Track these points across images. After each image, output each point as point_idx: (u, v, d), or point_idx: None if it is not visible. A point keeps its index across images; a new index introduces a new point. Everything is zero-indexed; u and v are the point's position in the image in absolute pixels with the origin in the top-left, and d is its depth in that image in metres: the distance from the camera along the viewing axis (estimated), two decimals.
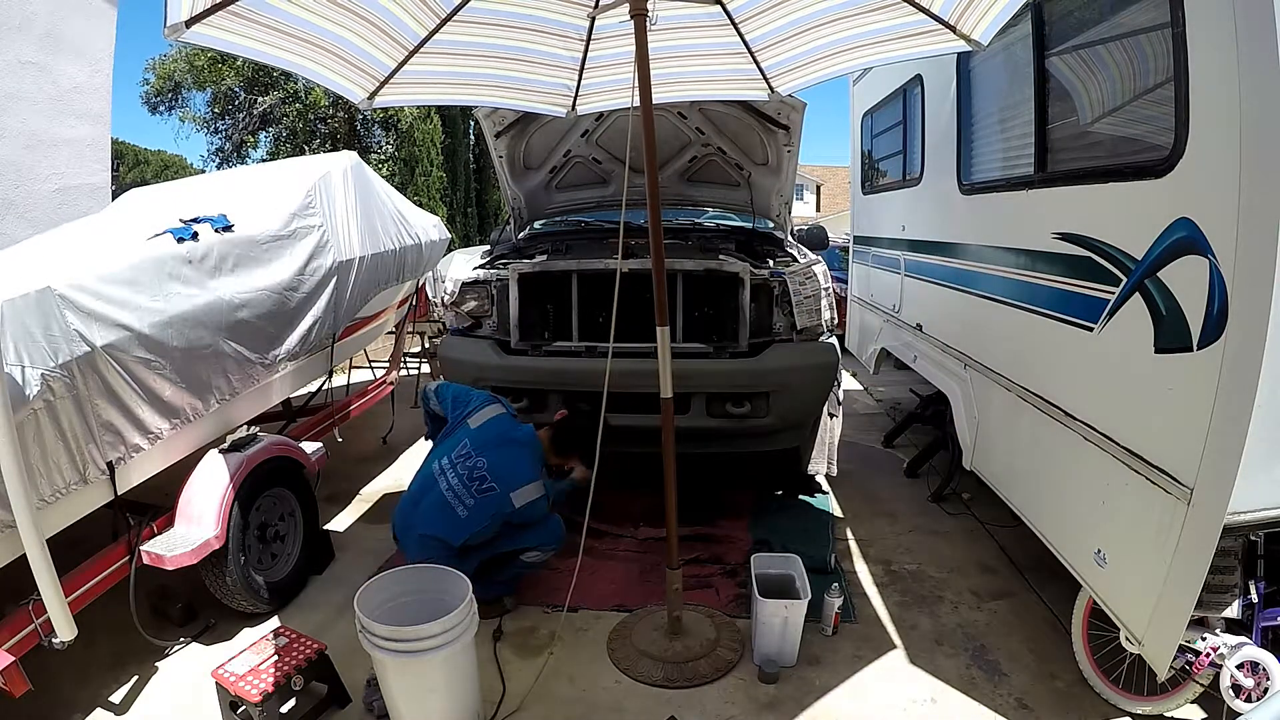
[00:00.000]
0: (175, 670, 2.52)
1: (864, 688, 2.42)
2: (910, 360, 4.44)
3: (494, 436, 2.83)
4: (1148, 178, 2.03)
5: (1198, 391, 1.80)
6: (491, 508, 2.68)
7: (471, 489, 2.70)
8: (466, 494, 2.70)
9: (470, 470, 2.73)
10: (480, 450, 2.77)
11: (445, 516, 2.68)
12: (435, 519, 2.69)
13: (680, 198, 4.73)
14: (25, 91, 4.81)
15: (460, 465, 2.75)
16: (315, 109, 12.78)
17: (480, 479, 2.72)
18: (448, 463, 2.78)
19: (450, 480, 2.74)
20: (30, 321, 2.04)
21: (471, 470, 2.73)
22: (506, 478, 2.70)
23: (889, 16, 2.39)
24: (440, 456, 2.83)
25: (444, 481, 2.74)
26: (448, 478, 2.74)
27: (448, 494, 2.71)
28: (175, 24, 1.73)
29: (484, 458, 2.75)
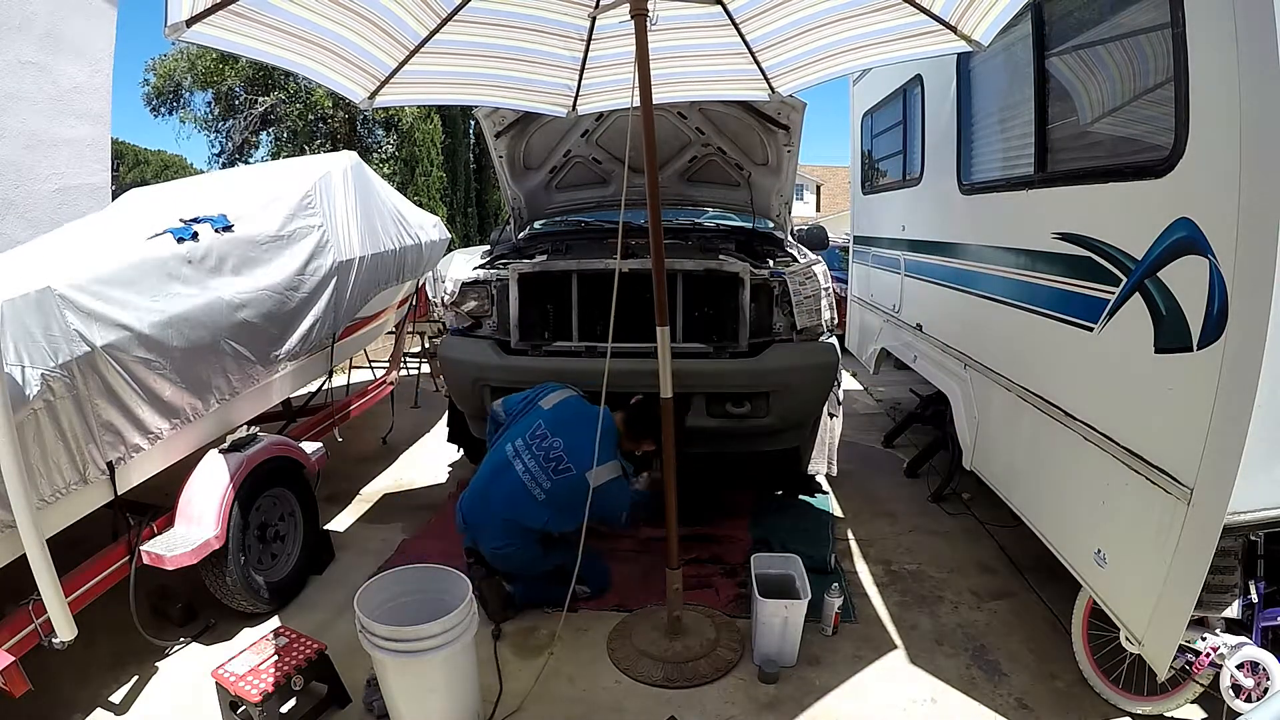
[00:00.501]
0: (175, 670, 2.52)
1: (864, 688, 2.42)
2: (910, 360, 4.44)
3: (569, 417, 2.80)
4: (1148, 178, 2.03)
5: (1198, 391, 1.80)
6: (567, 489, 2.64)
7: (548, 470, 2.68)
8: (543, 476, 2.68)
9: (546, 452, 2.70)
10: (555, 430, 2.74)
11: (523, 500, 2.66)
12: (513, 503, 2.67)
13: (680, 198, 4.73)
14: (25, 91, 4.81)
15: (535, 447, 2.73)
16: (316, 109, 12.78)
17: (556, 460, 2.69)
18: (522, 444, 2.75)
19: (526, 462, 2.71)
20: (30, 321, 2.04)
21: (547, 451, 2.70)
22: (582, 458, 2.67)
23: (890, 17, 2.39)
24: (513, 439, 2.79)
25: (519, 464, 2.71)
26: (523, 459, 2.72)
27: (524, 476, 2.69)
28: (176, 23, 1.73)
29: (559, 438, 2.72)
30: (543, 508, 2.67)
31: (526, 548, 2.75)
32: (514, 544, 2.73)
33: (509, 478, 2.72)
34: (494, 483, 2.76)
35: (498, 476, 2.76)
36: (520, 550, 2.75)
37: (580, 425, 2.75)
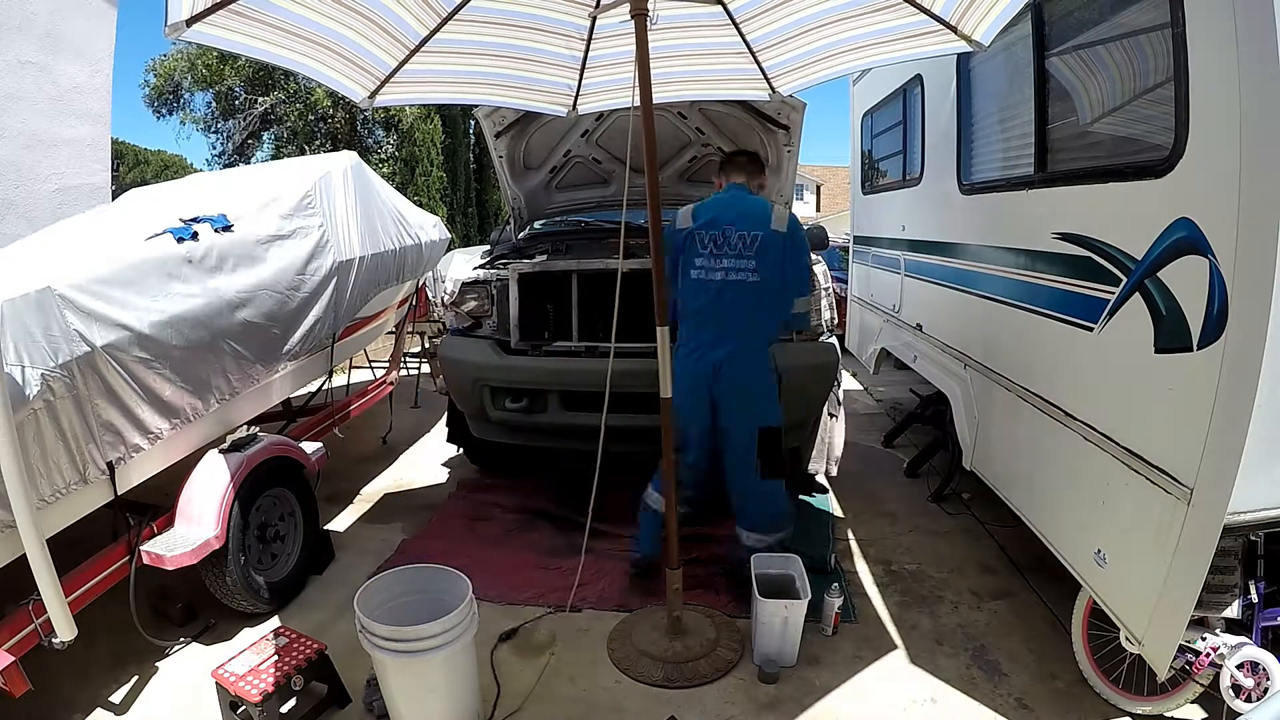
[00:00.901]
0: (175, 670, 2.52)
1: (864, 688, 2.42)
2: (910, 360, 4.44)
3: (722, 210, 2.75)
4: (1148, 178, 2.03)
5: (1198, 391, 1.80)
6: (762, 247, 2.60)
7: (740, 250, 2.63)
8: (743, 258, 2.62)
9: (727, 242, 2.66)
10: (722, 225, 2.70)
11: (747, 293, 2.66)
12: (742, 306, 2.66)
13: (680, 198, 4.70)
14: (25, 91, 4.81)
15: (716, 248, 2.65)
16: (316, 109, 12.77)
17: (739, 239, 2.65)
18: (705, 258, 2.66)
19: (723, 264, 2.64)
20: (30, 321, 2.04)
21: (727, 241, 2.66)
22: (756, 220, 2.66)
23: (890, 17, 2.39)
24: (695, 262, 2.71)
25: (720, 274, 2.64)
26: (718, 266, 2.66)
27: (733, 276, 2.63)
28: (176, 23, 1.73)
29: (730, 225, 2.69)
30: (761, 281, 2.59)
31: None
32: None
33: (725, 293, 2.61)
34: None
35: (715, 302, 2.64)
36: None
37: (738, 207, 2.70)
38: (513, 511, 3.76)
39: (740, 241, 2.58)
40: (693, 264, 2.65)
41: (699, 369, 2.69)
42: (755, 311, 2.64)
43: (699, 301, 2.66)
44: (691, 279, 2.65)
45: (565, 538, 3.35)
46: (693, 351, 2.71)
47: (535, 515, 3.71)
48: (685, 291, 2.70)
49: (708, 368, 2.68)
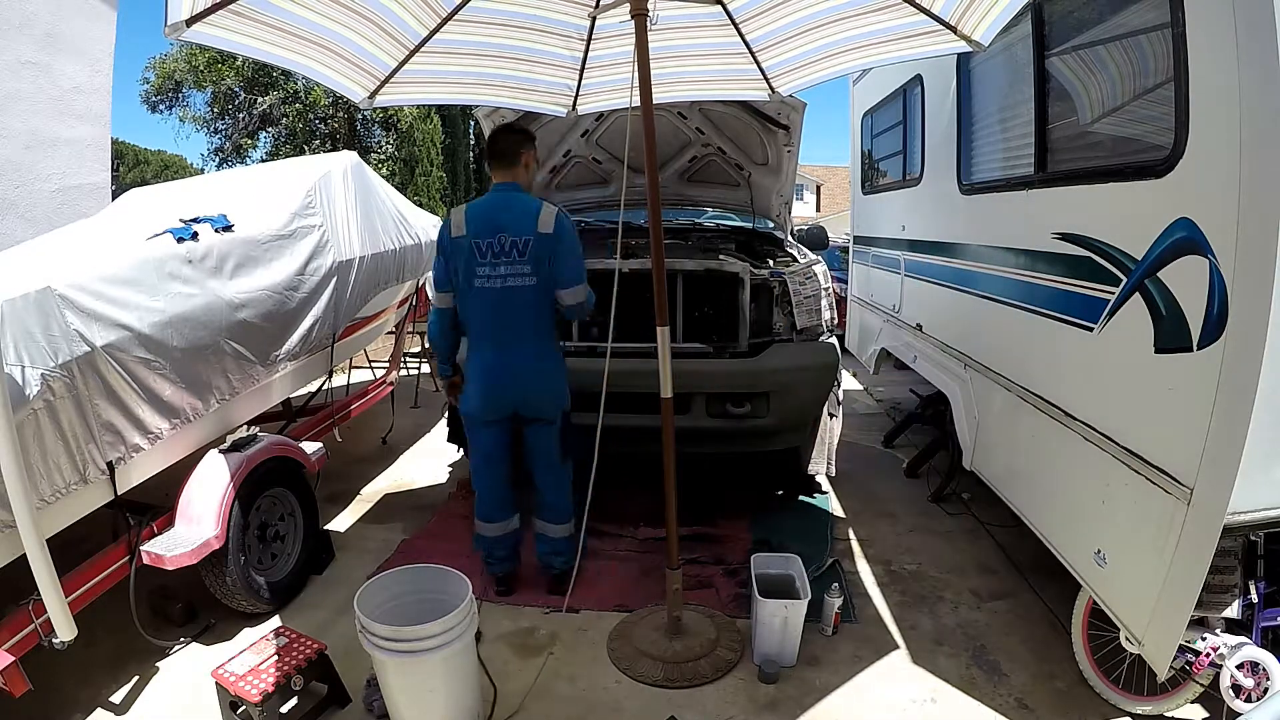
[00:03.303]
0: (175, 670, 2.52)
1: (864, 688, 2.42)
2: (910, 360, 4.44)
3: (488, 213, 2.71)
4: (1148, 178, 2.03)
5: (1198, 391, 1.80)
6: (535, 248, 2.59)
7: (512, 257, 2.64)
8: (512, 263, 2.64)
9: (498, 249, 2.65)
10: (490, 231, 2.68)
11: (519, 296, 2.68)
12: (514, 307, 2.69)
13: (680, 198, 4.73)
14: (25, 91, 4.81)
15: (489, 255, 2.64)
16: (315, 109, 12.78)
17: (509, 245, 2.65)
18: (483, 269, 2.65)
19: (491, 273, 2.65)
20: (30, 321, 2.04)
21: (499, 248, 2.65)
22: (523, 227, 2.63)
23: (890, 17, 2.40)
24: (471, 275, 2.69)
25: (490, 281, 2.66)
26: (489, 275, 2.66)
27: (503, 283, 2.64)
28: (176, 23, 1.73)
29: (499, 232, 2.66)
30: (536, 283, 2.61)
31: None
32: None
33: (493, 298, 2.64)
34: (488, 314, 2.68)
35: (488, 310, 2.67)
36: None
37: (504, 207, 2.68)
38: None
39: (514, 247, 2.59)
40: (475, 273, 2.63)
41: (495, 377, 2.70)
42: (536, 311, 2.67)
43: (484, 310, 2.66)
44: (475, 288, 2.64)
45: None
46: (485, 358, 2.71)
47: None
48: (469, 301, 2.68)
49: (504, 374, 2.70)
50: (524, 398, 2.72)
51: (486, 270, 2.61)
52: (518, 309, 2.64)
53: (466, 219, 2.65)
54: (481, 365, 2.72)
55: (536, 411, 2.75)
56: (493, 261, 2.60)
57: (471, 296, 2.66)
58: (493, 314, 2.66)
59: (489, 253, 2.60)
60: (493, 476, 2.86)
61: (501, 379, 2.70)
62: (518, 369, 2.69)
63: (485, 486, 2.89)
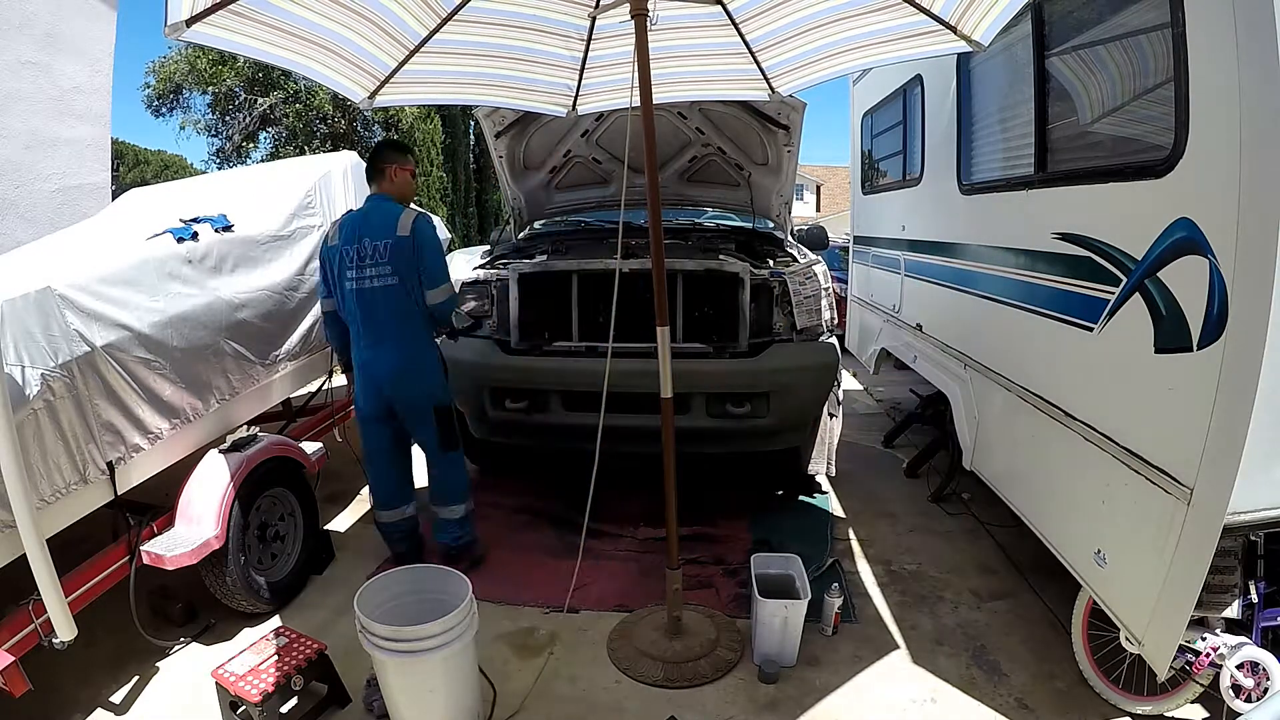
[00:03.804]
0: (175, 670, 2.52)
1: (864, 688, 2.42)
2: (910, 360, 4.44)
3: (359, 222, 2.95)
4: (1148, 178, 2.03)
5: (1198, 391, 1.80)
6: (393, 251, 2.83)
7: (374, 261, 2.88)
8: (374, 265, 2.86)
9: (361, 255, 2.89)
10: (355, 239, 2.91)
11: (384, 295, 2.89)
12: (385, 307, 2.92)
13: (680, 198, 4.73)
14: (25, 91, 4.81)
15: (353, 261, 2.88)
16: (316, 109, 12.77)
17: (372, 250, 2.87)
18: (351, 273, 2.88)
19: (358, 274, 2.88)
20: (30, 321, 2.04)
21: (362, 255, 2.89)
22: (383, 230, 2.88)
23: (890, 17, 2.39)
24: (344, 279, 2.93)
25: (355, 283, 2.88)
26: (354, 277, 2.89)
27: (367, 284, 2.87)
28: (176, 23, 1.73)
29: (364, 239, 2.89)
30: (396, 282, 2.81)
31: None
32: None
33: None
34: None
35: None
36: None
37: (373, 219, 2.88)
38: (513, 511, 3.76)
39: (375, 251, 2.80)
40: (345, 277, 2.85)
41: (370, 372, 2.92)
42: (402, 309, 2.85)
43: (356, 310, 2.87)
44: (347, 290, 2.87)
45: (565, 538, 3.35)
46: (362, 355, 2.92)
47: (535, 515, 3.71)
48: (345, 303, 2.91)
49: (377, 369, 2.90)
50: (394, 393, 2.92)
51: (354, 273, 2.83)
52: (383, 308, 2.83)
53: (339, 229, 2.91)
54: (359, 362, 2.96)
55: (408, 407, 2.95)
56: (358, 264, 2.82)
57: (345, 299, 2.90)
58: (363, 314, 2.86)
59: (355, 257, 2.82)
60: (379, 467, 3.08)
61: (374, 375, 2.91)
62: (387, 365, 2.88)
63: (375, 477, 3.11)
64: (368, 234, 2.82)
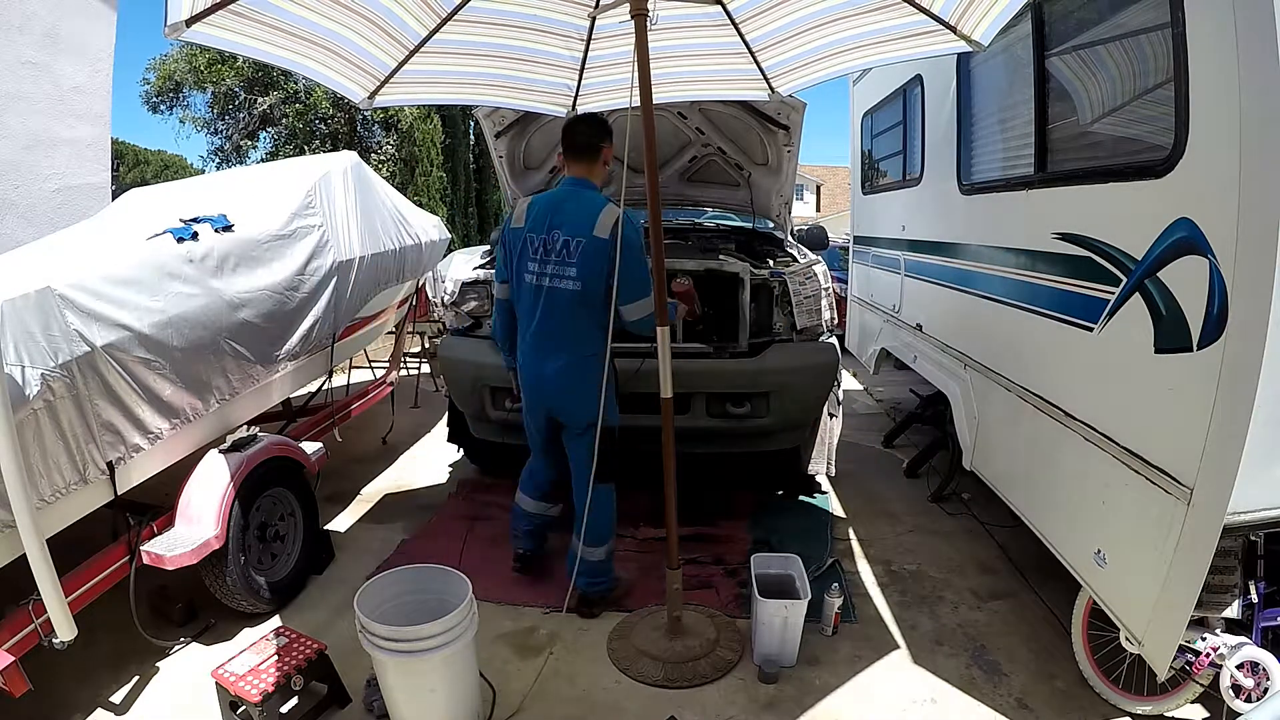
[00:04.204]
0: (175, 670, 2.52)
1: (864, 688, 2.42)
2: (910, 360, 4.44)
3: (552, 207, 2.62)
4: (1148, 178, 2.03)
5: (1198, 391, 1.80)
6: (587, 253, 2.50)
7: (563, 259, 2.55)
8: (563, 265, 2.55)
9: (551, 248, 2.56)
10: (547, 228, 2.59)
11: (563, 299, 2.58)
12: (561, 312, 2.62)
13: (680, 198, 4.73)
14: (25, 91, 4.80)
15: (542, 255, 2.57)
16: (315, 109, 12.77)
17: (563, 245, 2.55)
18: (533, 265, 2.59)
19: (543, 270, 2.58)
20: (30, 321, 2.04)
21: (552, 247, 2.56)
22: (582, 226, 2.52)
23: (890, 17, 2.40)
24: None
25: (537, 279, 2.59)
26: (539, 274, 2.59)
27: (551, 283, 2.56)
28: (176, 23, 1.73)
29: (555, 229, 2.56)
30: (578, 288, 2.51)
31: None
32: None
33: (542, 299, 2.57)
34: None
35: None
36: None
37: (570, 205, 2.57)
38: None
39: (564, 247, 2.49)
40: (525, 268, 2.57)
41: (532, 378, 2.68)
42: (577, 317, 2.54)
43: (528, 308, 2.61)
44: (525, 283, 2.59)
45: (565, 538, 3.35)
46: (525, 354, 2.68)
47: None
48: (519, 296, 2.64)
49: (539, 375, 2.65)
50: (554, 403, 2.69)
51: (535, 267, 2.54)
52: (556, 312, 2.55)
53: (528, 211, 2.59)
54: (521, 362, 2.72)
55: (567, 418, 2.70)
56: (540, 259, 2.53)
57: (521, 290, 2.62)
58: (534, 312, 2.59)
59: (540, 249, 2.53)
60: (539, 461, 2.93)
61: (535, 379, 2.68)
62: (548, 373, 2.63)
63: (532, 466, 2.96)
64: (560, 225, 2.50)
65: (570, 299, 2.51)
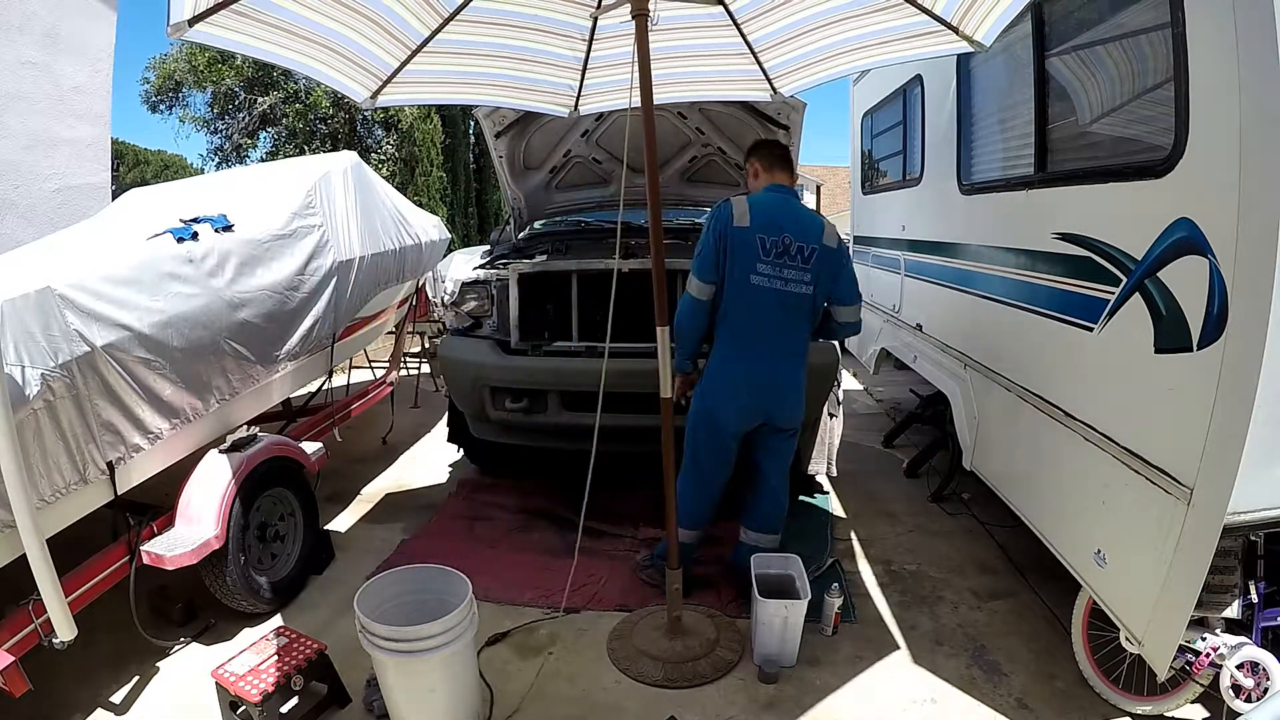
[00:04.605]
0: (175, 670, 2.52)
1: (864, 688, 2.42)
2: (910, 360, 4.44)
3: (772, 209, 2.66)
4: (1148, 178, 2.03)
5: (1198, 391, 1.80)
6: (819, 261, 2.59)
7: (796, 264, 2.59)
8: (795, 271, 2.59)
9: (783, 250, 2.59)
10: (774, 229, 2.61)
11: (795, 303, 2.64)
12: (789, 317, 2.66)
13: (680, 198, 4.73)
14: (25, 91, 4.81)
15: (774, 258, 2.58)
16: (316, 109, 12.77)
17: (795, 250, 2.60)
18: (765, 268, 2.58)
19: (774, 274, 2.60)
20: (30, 321, 2.04)
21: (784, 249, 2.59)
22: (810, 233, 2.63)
23: (891, 17, 2.40)
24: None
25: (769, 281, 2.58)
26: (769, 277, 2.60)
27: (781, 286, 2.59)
28: (178, 23, 1.73)
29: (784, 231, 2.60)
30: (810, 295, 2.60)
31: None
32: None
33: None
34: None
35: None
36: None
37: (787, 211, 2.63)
38: (513, 511, 3.76)
39: (800, 253, 2.55)
40: (754, 268, 2.54)
41: (750, 379, 2.63)
42: (805, 323, 2.67)
43: (756, 308, 2.58)
44: (751, 284, 2.55)
45: (566, 538, 3.35)
46: (740, 357, 2.63)
47: (535, 515, 3.71)
48: (741, 297, 2.57)
49: (760, 377, 2.63)
50: (780, 406, 2.68)
51: (768, 269, 2.53)
52: (791, 314, 2.60)
53: (750, 211, 2.56)
54: (741, 369, 2.63)
55: (787, 421, 2.72)
56: (775, 261, 2.54)
57: (745, 292, 2.56)
58: (765, 315, 2.57)
59: (773, 251, 2.53)
60: (718, 483, 2.82)
61: (753, 380, 2.63)
62: (780, 375, 2.64)
63: (708, 492, 2.82)
64: (791, 231, 2.54)
65: (801, 302, 2.60)
